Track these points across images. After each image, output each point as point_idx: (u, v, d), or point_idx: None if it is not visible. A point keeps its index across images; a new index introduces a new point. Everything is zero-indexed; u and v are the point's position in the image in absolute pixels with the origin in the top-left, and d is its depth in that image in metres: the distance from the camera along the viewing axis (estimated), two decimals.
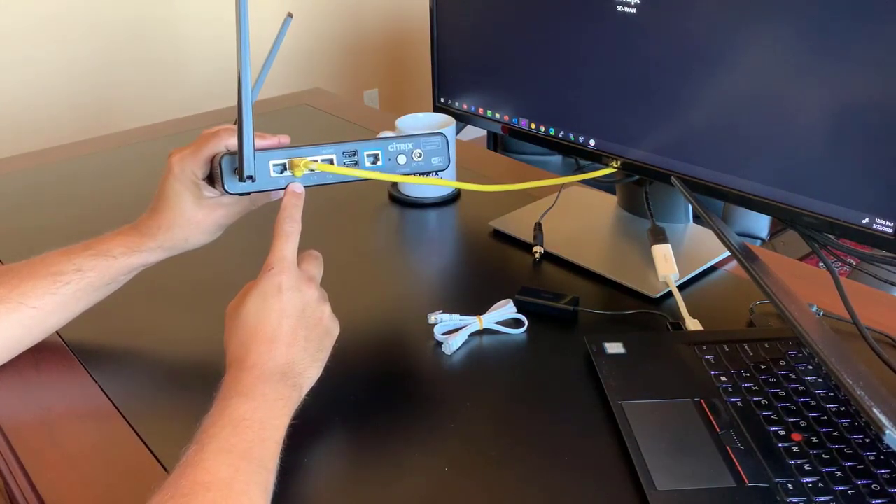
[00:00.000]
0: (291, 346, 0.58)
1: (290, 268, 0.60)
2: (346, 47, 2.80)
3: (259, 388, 0.55)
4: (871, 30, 0.62)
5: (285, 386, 0.56)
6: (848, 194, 0.67)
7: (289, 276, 0.59)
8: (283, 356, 0.57)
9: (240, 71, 0.58)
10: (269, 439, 0.53)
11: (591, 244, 0.90)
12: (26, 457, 0.62)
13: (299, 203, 0.64)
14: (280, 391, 0.56)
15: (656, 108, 0.79)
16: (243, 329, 0.58)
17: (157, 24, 2.33)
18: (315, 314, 0.60)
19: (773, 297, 0.59)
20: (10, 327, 0.67)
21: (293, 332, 0.58)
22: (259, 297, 0.59)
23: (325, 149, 0.65)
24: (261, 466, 0.51)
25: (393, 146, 0.66)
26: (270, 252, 0.61)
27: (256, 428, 0.52)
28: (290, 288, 0.59)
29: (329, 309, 0.62)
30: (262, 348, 0.57)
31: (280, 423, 0.55)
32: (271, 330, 0.58)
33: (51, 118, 2.20)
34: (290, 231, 0.62)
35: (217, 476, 0.48)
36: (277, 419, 0.55)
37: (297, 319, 0.59)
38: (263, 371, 0.56)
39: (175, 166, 0.67)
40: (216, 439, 0.51)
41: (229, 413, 0.53)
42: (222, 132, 0.67)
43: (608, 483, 0.57)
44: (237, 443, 0.51)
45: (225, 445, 0.50)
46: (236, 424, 0.52)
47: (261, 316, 0.58)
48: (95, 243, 0.69)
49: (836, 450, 0.57)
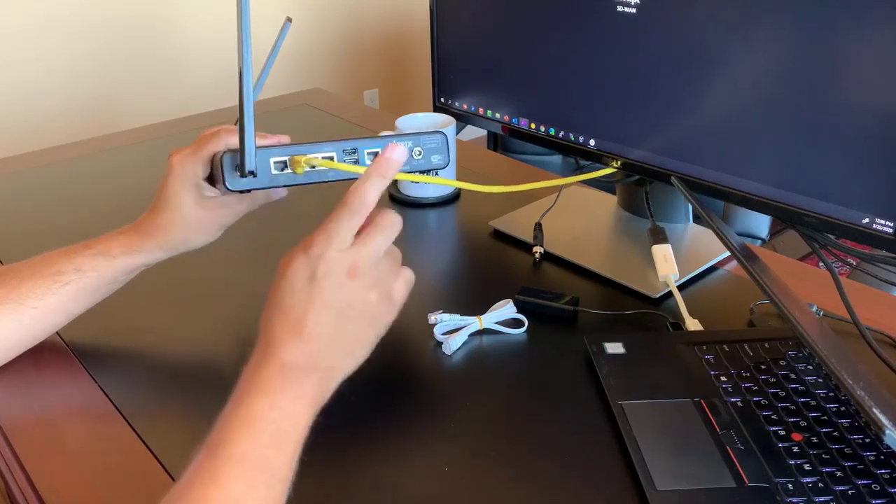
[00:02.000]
0: (318, 341, 0.53)
1: (333, 253, 0.53)
2: (346, 47, 2.80)
3: (277, 382, 0.51)
4: (871, 30, 0.62)
5: (309, 382, 0.52)
6: (848, 194, 0.67)
7: (326, 264, 0.53)
8: (307, 349, 0.52)
9: (241, 64, 0.58)
10: (287, 441, 0.50)
11: (591, 244, 0.90)
12: (26, 457, 0.62)
13: (388, 175, 0.57)
14: (302, 388, 0.52)
15: (656, 107, 0.79)
16: (274, 307, 0.53)
17: (157, 24, 2.33)
18: (355, 304, 0.54)
19: (773, 297, 0.59)
20: (9, 327, 0.67)
21: (321, 328, 0.53)
22: (290, 278, 0.53)
23: (326, 147, 0.65)
24: (274, 477, 0.49)
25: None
26: (323, 223, 0.55)
27: (272, 430, 0.49)
28: (326, 277, 0.53)
29: (375, 296, 0.55)
30: (287, 337, 0.52)
31: (300, 423, 0.51)
32: (297, 319, 0.52)
33: (51, 118, 2.20)
34: (354, 208, 0.55)
35: (227, 492, 0.46)
36: (296, 418, 0.51)
37: (329, 313, 0.53)
38: (284, 364, 0.52)
39: (175, 166, 0.67)
40: (228, 445, 0.48)
41: (244, 412, 0.50)
42: (222, 132, 0.67)
43: (608, 483, 0.57)
44: (250, 449, 0.48)
45: (236, 453, 0.48)
46: (251, 425, 0.49)
47: (290, 300, 0.53)
48: (95, 243, 0.69)
49: (836, 450, 0.57)
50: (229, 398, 0.51)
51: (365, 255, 0.55)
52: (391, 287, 0.57)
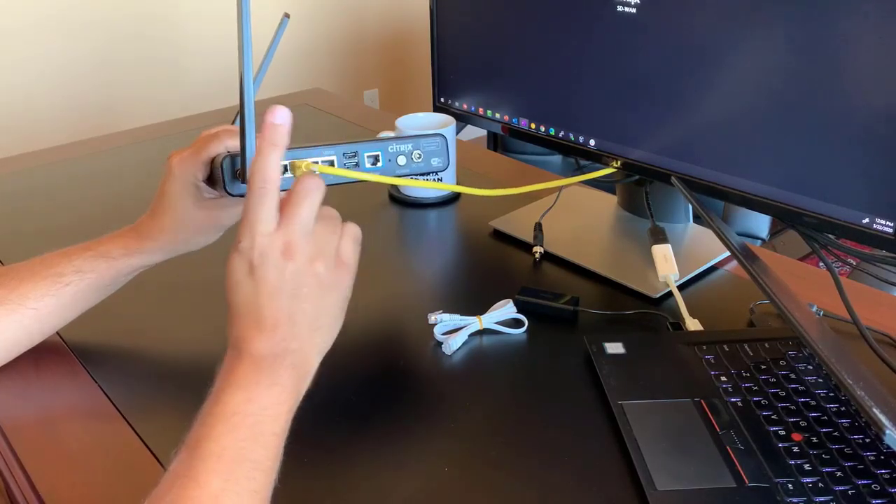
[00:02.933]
0: (278, 327, 0.52)
1: (260, 239, 0.52)
2: (346, 47, 2.80)
3: (252, 376, 0.51)
4: (871, 30, 0.62)
5: (282, 369, 0.52)
6: (848, 194, 0.67)
7: (258, 252, 0.52)
8: (271, 339, 0.52)
9: (242, 73, 0.58)
10: (266, 433, 0.50)
11: (591, 244, 0.90)
12: (26, 457, 0.62)
13: (279, 143, 0.54)
14: (277, 377, 0.51)
15: (656, 107, 0.79)
16: (231, 308, 0.54)
17: (157, 24, 2.33)
18: (303, 281, 0.53)
19: (773, 297, 0.59)
20: (9, 328, 0.67)
21: (276, 313, 0.52)
22: (232, 280, 0.53)
23: (326, 150, 0.65)
24: (255, 469, 0.48)
25: (393, 147, 0.66)
26: (242, 215, 0.54)
27: (250, 422, 0.49)
28: (262, 265, 0.52)
29: (322, 266, 0.54)
30: (250, 333, 0.52)
31: (278, 413, 0.51)
32: (253, 314, 0.53)
33: (51, 118, 2.20)
34: (260, 189, 0.53)
35: (207, 490, 0.46)
36: (275, 408, 0.51)
37: (279, 297, 0.53)
38: (256, 358, 0.52)
39: (175, 168, 0.67)
40: (206, 442, 0.48)
41: (220, 408, 0.49)
42: (222, 134, 0.67)
43: (608, 483, 0.57)
44: (228, 444, 0.48)
45: (215, 449, 0.48)
46: (227, 420, 0.49)
47: (239, 299, 0.53)
48: (95, 244, 0.69)
49: (836, 450, 0.57)
50: (206, 398, 0.51)
51: (293, 229, 0.53)
52: (337, 250, 0.56)
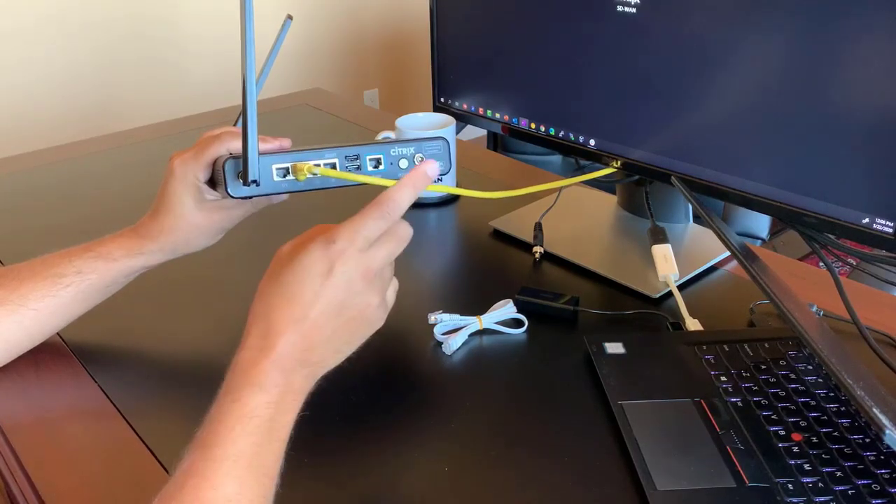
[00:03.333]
0: (317, 334, 0.53)
1: (354, 252, 0.53)
2: (346, 47, 2.80)
3: (274, 377, 0.51)
4: (871, 30, 0.62)
5: (299, 376, 0.52)
6: (848, 194, 0.67)
7: (345, 262, 0.53)
8: (304, 342, 0.52)
9: (244, 76, 0.58)
10: (276, 440, 0.50)
11: (591, 244, 0.90)
12: (26, 457, 0.62)
13: (421, 187, 0.58)
14: (293, 382, 0.52)
15: (656, 107, 0.79)
16: (278, 291, 0.53)
17: (157, 24, 2.33)
18: (357, 307, 0.54)
19: (773, 297, 0.59)
20: (9, 329, 0.67)
21: (323, 322, 0.53)
22: (305, 267, 0.53)
23: (328, 153, 0.65)
24: (265, 475, 0.49)
25: (395, 150, 0.66)
26: (349, 220, 0.54)
27: (266, 427, 0.49)
28: (342, 275, 0.53)
29: (376, 302, 0.56)
30: (288, 327, 0.52)
31: (288, 420, 0.51)
32: (301, 310, 0.52)
33: (51, 118, 2.20)
34: (385, 211, 0.55)
35: (222, 492, 0.46)
36: (286, 415, 0.51)
37: (335, 307, 0.53)
38: (281, 356, 0.51)
39: (177, 169, 0.67)
40: (223, 443, 0.48)
41: (239, 408, 0.49)
42: (224, 135, 0.67)
43: (608, 483, 0.57)
44: (245, 448, 0.48)
45: (232, 452, 0.47)
46: (246, 422, 0.49)
47: (297, 289, 0.52)
48: (96, 245, 0.69)
49: (836, 450, 0.57)
50: (221, 389, 0.50)
51: (380, 260, 0.55)
52: (387, 293, 0.58)
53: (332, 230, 0.54)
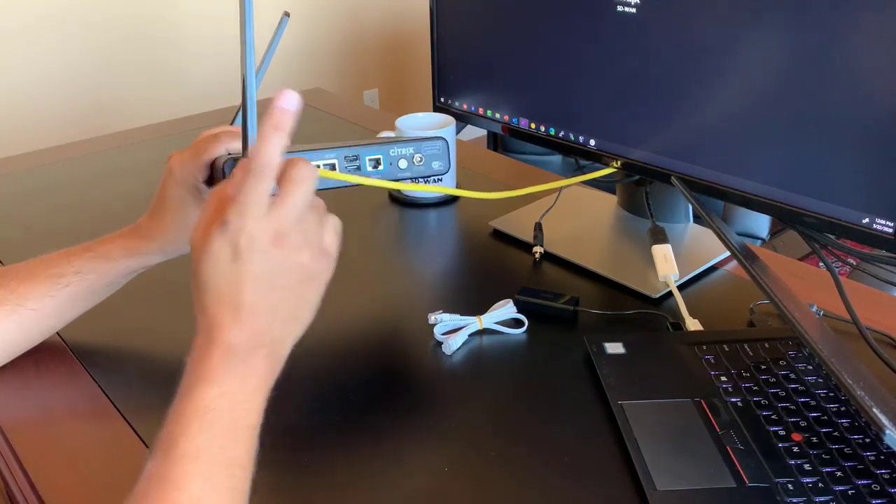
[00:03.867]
0: (259, 316, 0.50)
1: (251, 222, 0.49)
2: (346, 47, 2.80)
3: (225, 368, 0.49)
4: (871, 30, 0.62)
5: (257, 359, 0.50)
6: (848, 194, 0.67)
7: (247, 236, 0.49)
8: (249, 328, 0.50)
9: (244, 73, 0.58)
10: (242, 428, 0.48)
11: (591, 244, 0.90)
12: (26, 457, 0.62)
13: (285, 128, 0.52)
14: (251, 368, 0.49)
15: (656, 108, 0.79)
16: (204, 291, 0.50)
17: (157, 24, 2.33)
18: (287, 268, 0.51)
19: (773, 297, 0.59)
20: (9, 329, 0.67)
21: (258, 302, 0.50)
22: (214, 258, 0.50)
23: (328, 153, 0.65)
24: (232, 465, 0.47)
25: (394, 150, 0.66)
26: (233, 196, 0.50)
27: (226, 418, 0.48)
28: (250, 250, 0.49)
29: (307, 256, 0.52)
30: (226, 321, 0.49)
31: (254, 406, 0.49)
32: (231, 299, 0.50)
33: (50, 118, 2.20)
34: (258, 171, 0.50)
35: (187, 492, 0.45)
36: (250, 401, 0.49)
37: (265, 284, 0.50)
38: (229, 348, 0.49)
39: (175, 169, 0.67)
40: (181, 442, 0.46)
41: (193, 405, 0.47)
42: (222, 135, 0.67)
43: (608, 483, 0.57)
44: (204, 443, 0.46)
45: (191, 449, 0.46)
46: (201, 418, 0.47)
47: (219, 280, 0.50)
48: (95, 245, 0.69)
49: (836, 450, 0.57)
50: (176, 392, 0.49)
51: (285, 216, 0.51)
52: (321, 241, 0.54)
53: (222, 209, 0.50)
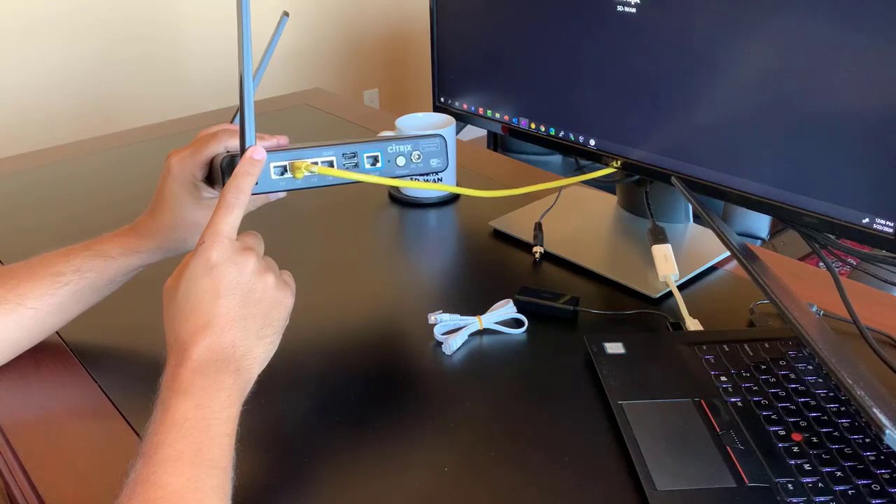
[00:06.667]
0: (229, 329, 0.54)
1: (222, 240, 0.55)
2: (346, 47, 2.80)
3: (197, 381, 0.52)
4: (871, 30, 0.62)
5: (227, 373, 0.53)
6: (848, 194, 0.67)
7: (220, 250, 0.55)
8: (219, 341, 0.53)
9: (242, 74, 0.58)
10: (219, 435, 0.51)
11: (591, 244, 0.90)
12: (26, 457, 0.62)
13: (255, 172, 0.59)
14: (221, 381, 0.52)
15: (656, 107, 0.79)
16: (178, 314, 0.54)
17: (156, 24, 2.33)
18: (256, 287, 0.56)
19: (773, 297, 0.59)
20: (8, 328, 0.67)
21: (230, 313, 0.54)
22: (190, 277, 0.54)
23: (326, 150, 0.65)
24: (213, 467, 0.49)
25: (392, 148, 0.67)
26: (207, 225, 0.56)
27: (202, 426, 0.50)
28: (223, 262, 0.55)
29: (272, 279, 0.57)
30: (198, 336, 0.53)
31: (228, 416, 0.52)
32: (205, 314, 0.54)
33: (50, 118, 2.20)
34: (232, 202, 0.57)
35: (170, 490, 0.47)
36: (224, 411, 0.52)
37: (234, 297, 0.55)
38: (200, 363, 0.52)
39: (174, 167, 0.67)
40: (162, 448, 0.48)
41: (170, 416, 0.50)
42: (221, 133, 0.67)
43: (608, 483, 0.57)
44: (184, 448, 0.49)
45: (172, 453, 0.48)
46: (180, 427, 0.49)
47: (193, 299, 0.54)
48: (94, 244, 0.69)
49: (836, 450, 0.57)
50: (154, 404, 0.52)
51: (251, 244, 0.57)
52: (281, 274, 0.60)
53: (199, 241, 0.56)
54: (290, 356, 0.53)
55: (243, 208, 0.57)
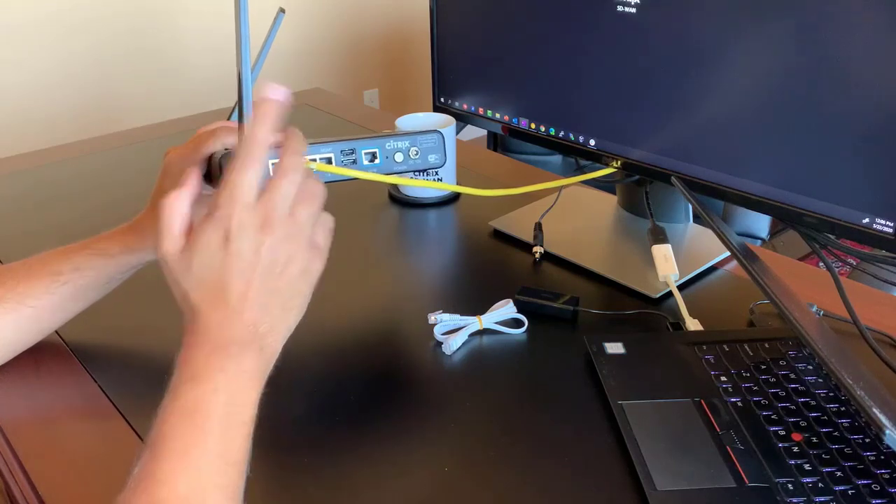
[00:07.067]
0: (251, 307, 0.49)
1: (240, 209, 0.49)
2: (346, 47, 2.80)
3: (214, 363, 0.47)
4: (871, 30, 0.62)
5: (249, 354, 0.48)
6: (848, 194, 0.67)
7: (237, 222, 0.48)
8: (241, 321, 0.48)
9: (240, 71, 0.58)
10: (235, 425, 0.47)
11: (591, 244, 0.90)
12: (26, 457, 0.62)
13: (269, 115, 0.51)
14: (243, 362, 0.48)
15: (656, 107, 0.79)
16: (191, 287, 0.49)
17: (156, 24, 2.33)
18: (280, 258, 0.50)
19: (773, 297, 0.59)
20: (8, 327, 0.67)
21: (250, 290, 0.49)
22: (204, 249, 0.49)
23: (324, 147, 0.65)
24: (225, 464, 0.46)
25: (390, 144, 0.67)
26: (221, 181, 0.49)
27: (216, 416, 0.46)
28: (240, 237, 0.48)
29: (301, 246, 0.51)
30: (215, 313, 0.48)
31: (247, 400, 0.48)
32: (219, 290, 0.48)
33: (49, 118, 2.20)
34: (251, 155, 0.49)
35: (174, 490, 0.44)
36: (243, 395, 0.48)
37: (254, 272, 0.49)
38: (218, 343, 0.48)
39: (172, 164, 0.67)
40: (169, 441, 0.45)
41: (181, 405, 0.46)
42: (219, 131, 0.67)
43: (608, 483, 0.57)
44: (192, 441, 0.45)
45: (179, 447, 0.45)
46: (191, 416, 0.46)
47: (205, 272, 0.49)
48: (93, 242, 0.69)
49: (836, 450, 0.57)
50: (167, 390, 0.48)
51: (274, 205, 0.50)
52: (311, 235, 0.52)
53: (214, 200, 0.49)
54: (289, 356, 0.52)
55: (263, 163, 0.50)
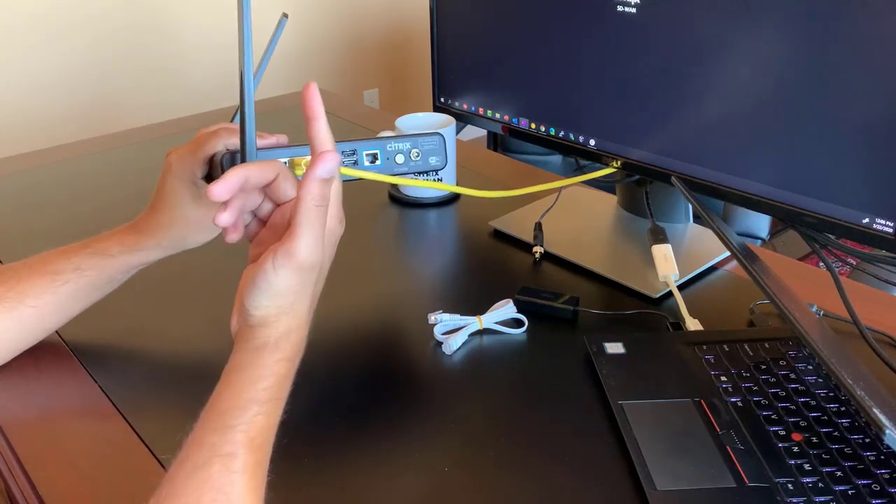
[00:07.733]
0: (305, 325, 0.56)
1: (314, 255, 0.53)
2: (346, 47, 2.80)
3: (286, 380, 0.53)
4: (871, 30, 0.62)
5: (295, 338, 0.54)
6: (848, 194, 0.67)
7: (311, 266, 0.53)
8: (303, 335, 0.55)
9: (242, 72, 0.58)
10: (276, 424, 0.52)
11: (591, 244, 0.90)
12: (26, 457, 0.62)
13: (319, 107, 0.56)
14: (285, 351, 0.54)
15: (656, 107, 0.79)
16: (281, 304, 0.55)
17: (157, 24, 2.33)
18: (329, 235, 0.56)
19: (773, 297, 0.59)
20: (8, 327, 0.67)
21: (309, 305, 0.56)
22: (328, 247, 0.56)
23: None
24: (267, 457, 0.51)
25: (391, 146, 0.67)
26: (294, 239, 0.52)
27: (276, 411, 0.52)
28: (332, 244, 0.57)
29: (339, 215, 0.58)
30: (294, 336, 0.54)
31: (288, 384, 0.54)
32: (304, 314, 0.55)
33: (49, 118, 2.20)
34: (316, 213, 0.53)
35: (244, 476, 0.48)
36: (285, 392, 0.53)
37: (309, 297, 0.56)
38: (293, 362, 0.54)
39: (174, 165, 0.67)
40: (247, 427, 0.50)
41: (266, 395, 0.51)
42: (221, 131, 0.67)
43: (608, 483, 0.57)
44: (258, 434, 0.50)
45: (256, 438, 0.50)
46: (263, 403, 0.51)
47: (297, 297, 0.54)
48: (94, 242, 0.69)
49: (836, 450, 0.57)
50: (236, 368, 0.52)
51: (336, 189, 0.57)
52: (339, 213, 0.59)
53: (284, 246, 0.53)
54: None
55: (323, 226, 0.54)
